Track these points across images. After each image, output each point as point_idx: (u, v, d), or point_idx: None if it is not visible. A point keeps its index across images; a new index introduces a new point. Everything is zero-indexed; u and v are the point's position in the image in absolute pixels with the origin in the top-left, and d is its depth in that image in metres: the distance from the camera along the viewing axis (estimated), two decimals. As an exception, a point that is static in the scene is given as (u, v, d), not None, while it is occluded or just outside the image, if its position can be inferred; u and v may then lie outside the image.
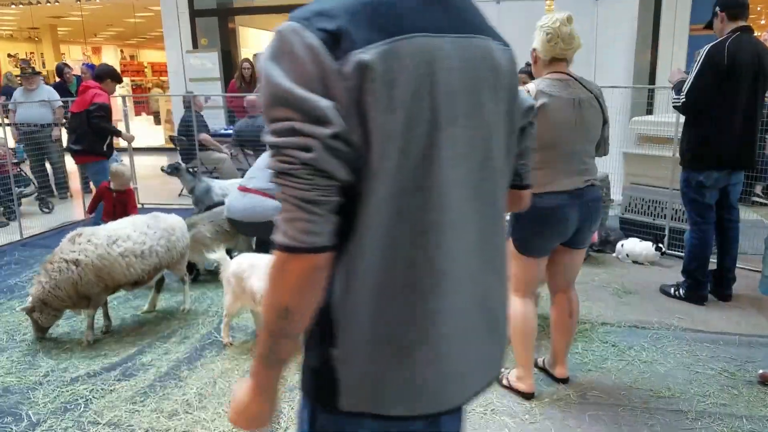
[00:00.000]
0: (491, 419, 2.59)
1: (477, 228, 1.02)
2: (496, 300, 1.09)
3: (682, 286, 3.89)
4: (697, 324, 3.54)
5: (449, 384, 1.02)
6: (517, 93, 1.11)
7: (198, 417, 2.64)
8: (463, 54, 0.96)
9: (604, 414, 2.62)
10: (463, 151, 0.97)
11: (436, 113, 0.92)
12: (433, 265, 0.96)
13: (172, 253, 3.67)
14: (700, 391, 2.79)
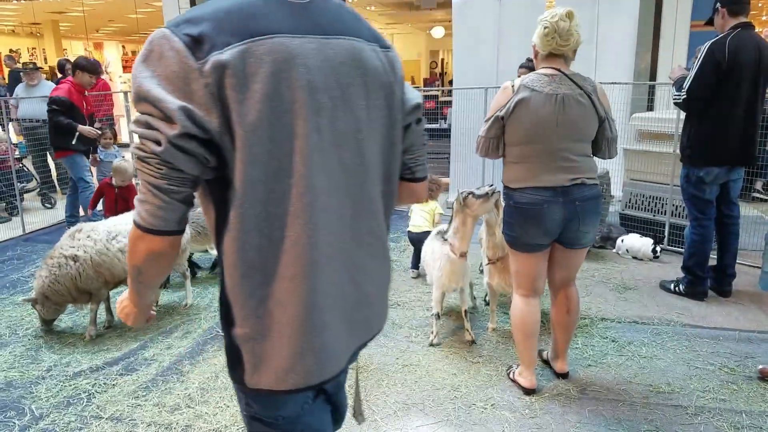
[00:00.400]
0: (492, 414, 2.60)
1: (350, 211, 1.13)
2: (367, 276, 1.20)
3: (682, 282, 3.90)
4: (696, 320, 3.55)
5: (331, 353, 1.13)
6: (398, 91, 1.20)
7: (200, 411, 2.66)
8: (325, 53, 1.06)
9: (604, 409, 2.63)
10: (330, 141, 1.07)
11: (297, 105, 1.02)
12: (308, 245, 1.05)
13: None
14: (700, 387, 2.80)
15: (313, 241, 1.06)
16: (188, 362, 3.13)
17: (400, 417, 2.60)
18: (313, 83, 1.03)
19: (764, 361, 2.97)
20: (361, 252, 1.18)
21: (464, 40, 6.52)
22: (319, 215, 1.06)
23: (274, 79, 0.99)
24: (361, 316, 1.21)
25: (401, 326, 3.53)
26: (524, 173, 2.54)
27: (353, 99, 1.10)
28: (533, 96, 2.46)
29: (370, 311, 1.24)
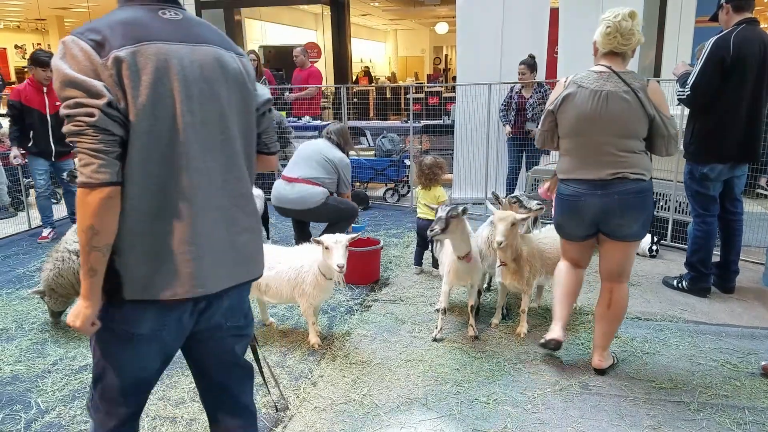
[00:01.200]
0: (494, 409, 2.61)
1: (221, 176, 1.50)
2: (239, 226, 1.56)
3: (685, 278, 3.90)
4: (699, 316, 3.55)
5: (201, 277, 1.47)
6: (251, 87, 1.58)
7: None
8: (194, 56, 1.44)
9: (606, 404, 2.64)
10: (201, 120, 1.44)
11: (175, 92, 1.39)
12: (185, 197, 1.43)
13: None
14: (703, 383, 2.80)
15: (188, 194, 1.42)
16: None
17: (402, 411, 2.61)
18: (186, 77, 1.41)
19: (767, 357, 2.97)
20: (233, 209, 1.54)
21: (468, 36, 6.50)
22: (193, 175, 1.43)
23: (157, 72, 1.36)
24: (236, 258, 1.55)
25: (404, 321, 3.54)
26: (569, 165, 2.73)
27: (216, 90, 1.48)
28: (579, 92, 2.60)
29: (244, 256, 1.58)
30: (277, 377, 2.08)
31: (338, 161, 4.59)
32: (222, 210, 1.51)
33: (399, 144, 7.02)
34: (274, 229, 5.53)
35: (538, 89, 5.92)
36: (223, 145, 1.50)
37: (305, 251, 3.27)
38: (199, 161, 1.44)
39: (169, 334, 1.52)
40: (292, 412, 2.62)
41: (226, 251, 1.52)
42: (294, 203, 4.49)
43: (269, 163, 1.79)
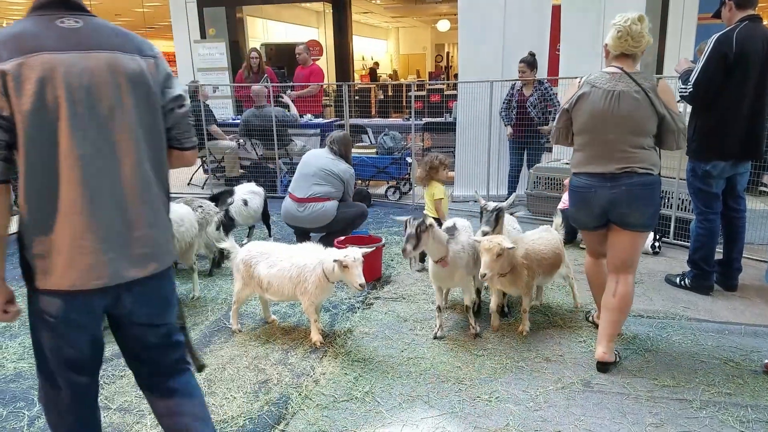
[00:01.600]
0: (496, 407, 2.61)
1: (119, 172, 1.61)
2: (142, 221, 1.67)
3: (687, 276, 3.89)
4: (702, 314, 3.54)
5: (99, 269, 1.60)
6: (152, 85, 1.67)
7: (207, 402, 2.65)
8: (84, 63, 1.55)
9: (609, 402, 2.63)
10: (89, 122, 1.56)
11: (60, 99, 1.51)
12: (79, 194, 1.55)
13: (181, 244, 3.70)
14: (705, 381, 2.80)
15: (82, 191, 1.55)
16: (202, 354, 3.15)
17: (404, 409, 2.61)
18: (70, 83, 1.52)
19: (770, 355, 2.97)
20: (135, 204, 1.64)
21: (469, 34, 6.49)
22: (85, 173, 1.55)
23: (41, 82, 1.49)
24: (139, 252, 1.66)
25: (406, 319, 3.54)
26: (581, 159, 2.89)
27: (107, 93, 1.58)
28: (593, 91, 2.76)
29: (148, 249, 1.68)
30: (195, 352, 2.09)
31: (343, 173, 4.70)
32: (120, 205, 1.62)
33: (401, 142, 7.02)
34: (275, 227, 5.53)
35: (538, 87, 5.91)
36: (119, 144, 1.61)
37: (307, 250, 3.28)
38: (90, 160, 1.56)
39: (82, 319, 1.66)
40: (294, 410, 2.62)
41: (126, 245, 1.64)
42: (308, 222, 4.68)
43: (184, 159, 1.87)
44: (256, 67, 8.05)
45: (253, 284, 3.26)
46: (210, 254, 4.34)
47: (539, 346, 3.17)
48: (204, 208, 4.20)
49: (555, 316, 3.56)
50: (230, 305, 3.50)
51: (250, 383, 2.85)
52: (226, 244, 3.44)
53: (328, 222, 4.62)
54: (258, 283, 3.23)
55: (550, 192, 5.81)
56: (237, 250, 3.37)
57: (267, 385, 2.84)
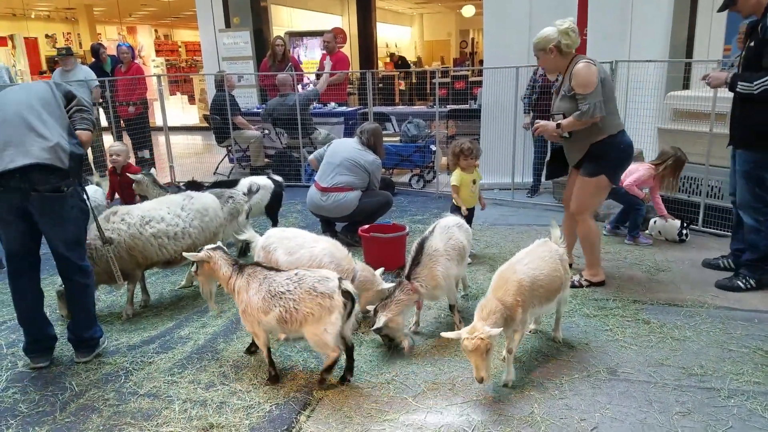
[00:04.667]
0: (521, 395, 2.61)
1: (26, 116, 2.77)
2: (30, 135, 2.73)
3: (748, 276, 3.66)
4: (731, 302, 3.47)
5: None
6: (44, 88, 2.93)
7: (234, 388, 2.75)
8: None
9: (635, 391, 2.62)
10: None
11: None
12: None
13: (206, 234, 3.76)
14: (734, 369, 2.75)
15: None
16: (222, 341, 3.22)
17: (429, 396, 2.64)
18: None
19: (802, 345, 2.90)
20: (29, 132, 2.75)
21: (495, 19, 6.40)
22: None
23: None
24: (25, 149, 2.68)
25: (430, 307, 3.56)
26: (618, 121, 3.60)
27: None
28: (605, 73, 3.50)
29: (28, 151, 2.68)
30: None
31: (369, 164, 4.69)
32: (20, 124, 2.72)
33: (425, 129, 6.99)
34: (300, 215, 5.59)
35: None
36: (28, 116, 2.76)
37: (332, 246, 3.28)
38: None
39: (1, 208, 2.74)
40: (320, 396, 2.67)
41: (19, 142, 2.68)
42: (331, 212, 4.71)
43: (80, 137, 2.88)
44: (280, 55, 8.07)
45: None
46: (238, 243, 4.41)
47: (565, 335, 3.14)
48: (235, 199, 4.28)
49: (582, 306, 3.53)
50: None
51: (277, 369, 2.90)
52: (246, 235, 3.48)
53: (350, 212, 4.63)
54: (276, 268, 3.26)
55: (575, 179, 5.73)
56: (257, 239, 3.42)
57: (293, 371, 2.89)
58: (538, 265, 2.74)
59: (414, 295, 3.01)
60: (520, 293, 2.60)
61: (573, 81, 3.44)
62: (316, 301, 2.59)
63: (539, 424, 2.40)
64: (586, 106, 3.38)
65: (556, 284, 2.80)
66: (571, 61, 3.52)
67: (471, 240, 3.48)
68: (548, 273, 2.75)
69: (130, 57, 8.09)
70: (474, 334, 2.39)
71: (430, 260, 3.06)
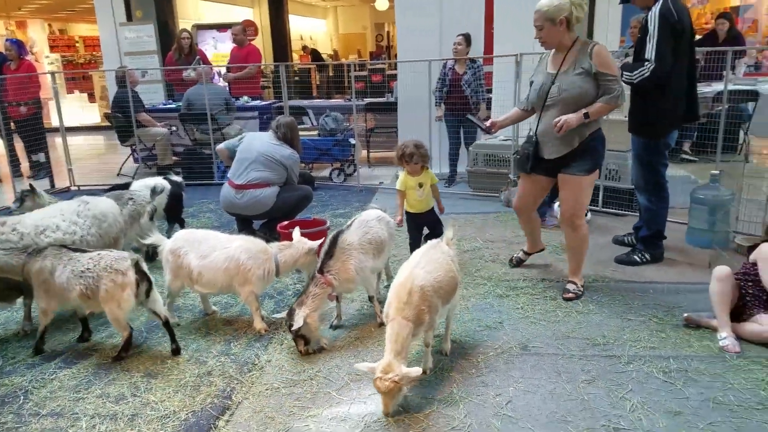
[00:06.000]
0: (441, 377, 2.68)
1: None
2: None
3: (642, 251, 3.94)
4: (629, 275, 3.74)
5: None
6: None
7: (147, 399, 2.61)
8: None
9: (545, 363, 2.76)
10: None
11: None
12: None
13: (105, 240, 3.56)
14: (632, 337, 2.97)
15: None
16: (132, 351, 3.06)
17: (353, 388, 2.65)
18: None
19: (689, 309, 3.16)
20: None
21: (407, 13, 6.48)
22: None
23: None
24: None
25: (353, 300, 3.57)
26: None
27: None
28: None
29: None
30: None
31: (286, 159, 4.54)
32: None
33: (343, 123, 6.96)
34: (214, 215, 5.43)
35: (471, 65, 5.97)
36: None
37: (246, 242, 3.21)
38: None
39: None
40: (239, 399, 2.60)
41: None
42: (248, 210, 4.53)
43: None
44: (187, 48, 7.77)
45: (183, 275, 3.18)
46: (143, 247, 4.19)
47: (480, 315, 3.26)
48: (135, 200, 4.05)
49: (495, 287, 3.67)
50: (166, 299, 3.41)
51: (192, 376, 2.79)
52: (152, 239, 3.33)
53: (268, 209, 4.49)
54: (188, 274, 3.15)
55: (489, 168, 5.93)
56: (164, 242, 3.27)
57: (210, 377, 2.79)
58: (434, 267, 2.65)
59: (328, 288, 2.99)
60: (424, 301, 2.50)
61: (600, 60, 3.13)
62: (110, 278, 2.80)
63: (458, 403, 2.48)
64: (619, 88, 3.15)
65: (453, 285, 2.73)
66: (575, 41, 3.23)
67: (394, 233, 3.50)
68: (445, 274, 2.67)
69: (16, 53, 7.47)
70: (388, 375, 2.28)
71: (342, 253, 3.05)
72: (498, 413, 2.40)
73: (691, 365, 2.68)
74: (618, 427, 2.28)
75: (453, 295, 2.76)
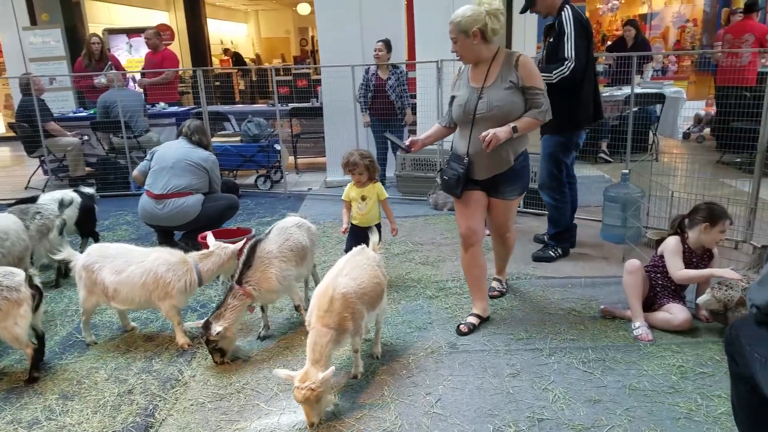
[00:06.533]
0: (372, 381, 2.68)
1: None
2: None
3: (554, 246, 4.14)
4: (549, 272, 3.91)
5: None
6: None
7: (62, 422, 2.45)
8: None
9: (472, 360, 2.83)
10: None
11: None
12: None
13: (9, 260, 3.31)
14: (553, 330, 3.10)
15: None
16: (45, 372, 2.86)
17: (282, 398, 2.60)
18: None
19: (605, 301, 3.36)
20: None
21: (327, 18, 6.47)
22: None
23: None
24: None
25: (282, 309, 3.52)
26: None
27: None
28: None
29: None
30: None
31: (205, 161, 4.40)
32: None
33: (267, 128, 6.84)
34: (131, 227, 5.18)
35: (393, 70, 6.05)
36: None
37: (164, 253, 3.08)
38: None
39: None
40: (163, 416, 2.49)
41: None
42: (171, 220, 4.32)
43: None
44: (98, 54, 7.39)
45: (98, 292, 3.01)
46: (55, 263, 3.92)
47: (410, 317, 3.30)
48: (43, 214, 3.79)
49: (425, 288, 3.72)
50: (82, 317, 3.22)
51: (111, 396, 2.65)
52: (63, 254, 3.13)
53: (193, 218, 4.30)
54: (103, 290, 2.99)
55: (417, 172, 6.02)
56: (76, 257, 3.09)
57: (131, 395, 2.66)
58: (358, 274, 2.62)
59: (247, 300, 2.91)
60: (347, 308, 2.47)
61: (526, 73, 2.90)
62: (3, 295, 2.66)
63: (389, 404, 2.50)
64: (547, 102, 2.95)
65: (378, 291, 2.70)
66: (498, 52, 2.97)
67: (316, 239, 3.47)
68: (369, 280, 2.64)
69: None
70: (305, 384, 2.24)
71: (262, 263, 2.96)
72: (428, 412, 2.44)
73: (609, 354, 2.84)
74: (541, 418, 2.38)
75: (379, 301, 2.74)
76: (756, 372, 1.69)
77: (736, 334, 1.81)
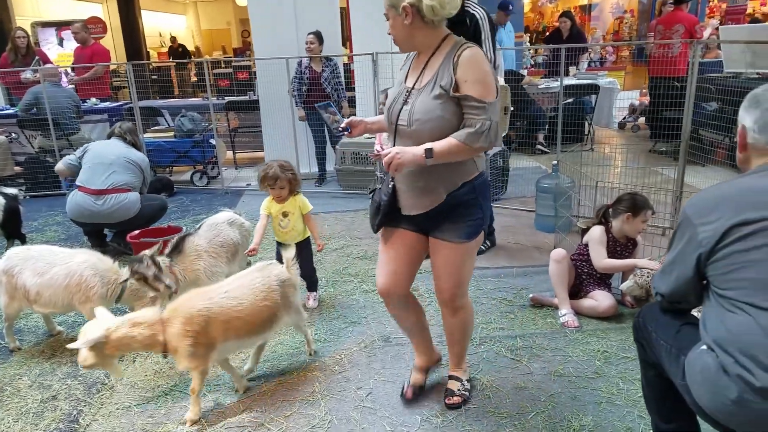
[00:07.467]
0: (304, 377, 2.69)
1: None
2: None
3: (486, 241, 4.23)
4: (482, 262, 3.98)
5: None
6: None
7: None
8: None
9: (405, 353, 2.87)
10: None
11: None
12: None
13: None
14: (485, 320, 3.18)
15: None
16: (-42, 385, 2.72)
17: (210, 399, 2.56)
18: None
19: (535, 290, 3.46)
20: None
21: (261, 9, 6.36)
22: None
23: None
24: None
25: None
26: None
27: None
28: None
29: None
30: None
31: (141, 161, 4.38)
32: None
33: (201, 123, 6.67)
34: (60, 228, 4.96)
35: (327, 63, 6.02)
36: None
37: (93, 257, 2.97)
38: None
39: None
40: (87, 422, 2.41)
41: None
42: (110, 217, 4.19)
43: None
44: (24, 49, 7.03)
45: (20, 296, 2.88)
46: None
47: (346, 312, 3.32)
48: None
49: (362, 283, 3.74)
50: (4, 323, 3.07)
51: (35, 402, 2.56)
52: None
53: (132, 216, 4.20)
54: (24, 294, 2.86)
55: (357, 166, 6.02)
56: None
57: (55, 401, 2.57)
58: (239, 294, 2.37)
59: (172, 276, 2.85)
60: (189, 324, 2.23)
61: (465, 74, 1.96)
62: None
63: (320, 401, 2.51)
64: (486, 122, 1.96)
65: (264, 316, 2.43)
66: (444, 41, 2.06)
67: (248, 236, 3.42)
68: (250, 303, 2.38)
69: None
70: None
71: (191, 254, 2.92)
72: (358, 406, 2.46)
73: (536, 342, 2.93)
74: (468, 407, 2.44)
75: (267, 327, 2.47)
76: (662, 358, 1.77)
77: (643, 322, 1.89)
